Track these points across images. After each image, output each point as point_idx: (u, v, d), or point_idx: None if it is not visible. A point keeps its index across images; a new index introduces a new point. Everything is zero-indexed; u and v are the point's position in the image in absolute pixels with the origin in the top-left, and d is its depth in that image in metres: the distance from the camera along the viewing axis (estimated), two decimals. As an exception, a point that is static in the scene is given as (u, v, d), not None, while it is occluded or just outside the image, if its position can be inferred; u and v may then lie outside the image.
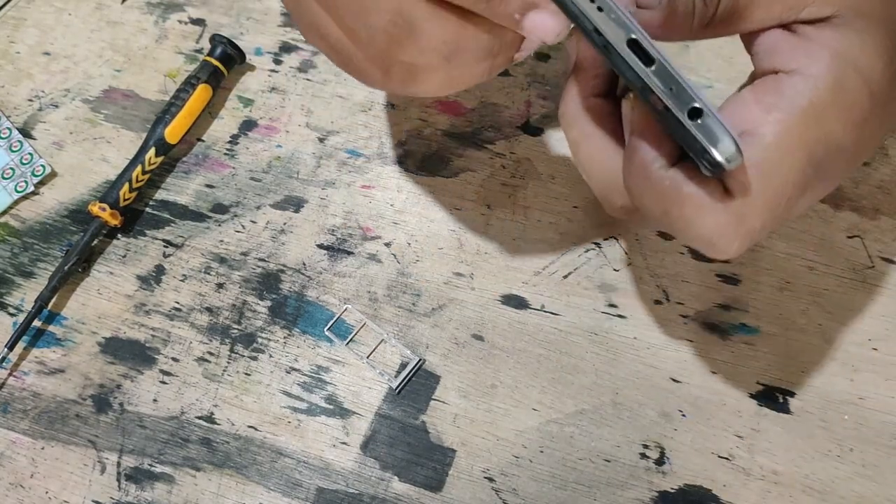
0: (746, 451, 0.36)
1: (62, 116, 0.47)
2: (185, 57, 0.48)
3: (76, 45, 0.49)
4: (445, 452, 0.37)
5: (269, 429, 0.38)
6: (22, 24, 0.50)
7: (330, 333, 0.40)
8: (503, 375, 0.38)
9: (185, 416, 0.39)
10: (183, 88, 0.45)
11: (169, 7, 0.50)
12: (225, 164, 0.45)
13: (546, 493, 0.36)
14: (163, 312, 0.41)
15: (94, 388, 0.40)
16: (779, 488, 0.35)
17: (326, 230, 0.42)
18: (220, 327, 0.41)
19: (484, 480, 0.36)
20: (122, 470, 0.38)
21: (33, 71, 0.49)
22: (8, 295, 0.43)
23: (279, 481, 0.37)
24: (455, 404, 0.38)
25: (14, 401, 0.40)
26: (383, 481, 0.37)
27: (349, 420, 0.38)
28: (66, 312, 0.42)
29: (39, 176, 0.45)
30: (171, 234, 0.43)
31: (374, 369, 0.39)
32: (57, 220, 0.45)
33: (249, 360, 0.40)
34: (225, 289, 0.41)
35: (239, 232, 0.43)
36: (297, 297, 0.41)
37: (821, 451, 0.35)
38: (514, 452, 0.37)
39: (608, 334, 0.38)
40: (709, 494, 0.35)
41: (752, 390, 0.37)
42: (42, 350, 0.41)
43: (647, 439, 0.36)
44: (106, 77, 0.48)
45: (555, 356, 0.38)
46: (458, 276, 0.40)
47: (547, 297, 0.39)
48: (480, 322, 0.39)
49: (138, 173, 0.43)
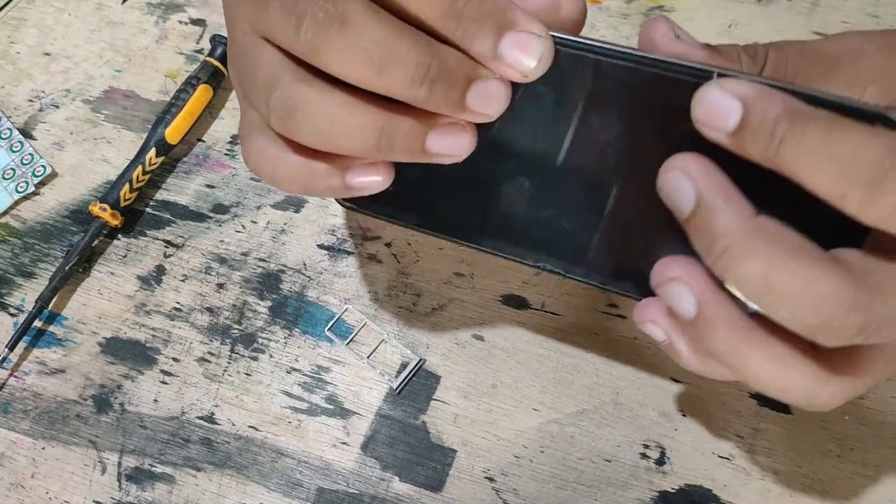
0: (747, 451, 0.36)
1: (62, 117, 0.47)
2: (186, 57, 0.48)
3: (76, 46, 0.49)
4: (446, 452, 0.37)
5: (270, 429, 0.38)
6: (22, 24, 0.50)
7: (330, 333, 0.40)
8: (503, 375, 0.38)
9: (185, 417, 0.39)
10: (183, 89, 0.45)
11: (169, 7, 0.50)
12: (225, 165, 0.45)
13: (546, 493, 0.36)
14: (163, 313, 0.41)
15: (95, 388, 0.40)
16: (779, 488, 0.35)
17: (327, 230, 0.42)
18: (221, 327, 0.41)
19: (484, 480, 0.36)
20: (123, 470, 0.38)
21: (33, 71, 0.49)
22: (8, 295, 0.43)
23: (280, 481, 0.37)
24: (455, 404, 0.38)
25: (15, 401, 0.40)
26: (384, 481, 0.37)
27: (350, 420, 0.38)
28: (67, 313, 0.42)
29: (40, 176, 0.45)
30: (172, 235, 0.43)
31: (374, 369, 0.39)
32: (57, 221, 0.45)
33: (250, 360, 0.40)
34: (225, 289, 0.41)
35: (239, 232, 0.43)
36: (297, 297, 0.41)
37: (821, 451, 0.35)
38: (515, 452, 0.37)
39: (609, 334, 0.38)
40: (709, 494, 0.35)
41: (753, 390, 0.37)
42: (43, 350, 0.41)
43: (648, 439, 0.36)
44: (106, 77, 0.48)
45: (555, 356, 0.38)
46: (458, 276, 0.40)
47: (547, 296, 0.39)
48: (481, 322, 0.39)
49: (139, 173, 0.43)
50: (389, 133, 0.22)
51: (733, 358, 0.22)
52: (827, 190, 0.19)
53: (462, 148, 0.23)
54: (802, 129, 0.20)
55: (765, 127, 0.20)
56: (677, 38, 0.24)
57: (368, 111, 0.22)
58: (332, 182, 0.24)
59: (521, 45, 0.21)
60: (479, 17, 0.21)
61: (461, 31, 0.21)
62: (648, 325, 0.25)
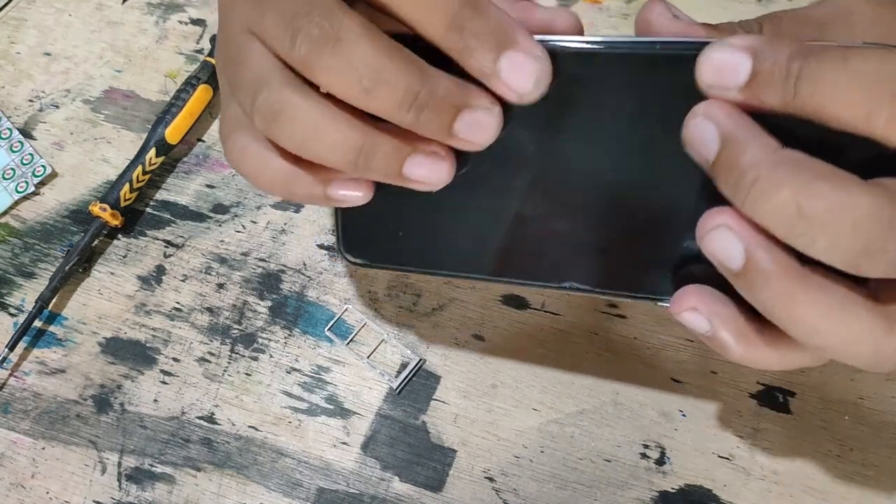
0: (747, 451, 0.36)
1: (62, 117, 0.47)
2: (186, 57, 0.48)
3: (76, 46, 0.49)
4: (446, 452, 0.37)
5: (270, 429, 0.38)
6: (22, 24, 0.50)
7: (330, 333, 0.40)
8: (503, 375, 0.38)
9: (185, 417, 0.39)
10: (183, 89, 0.45)
11: (169, 7, 0.50)
12: (225, 165, 0.45)
13: (547, 493, 0.36)
14: (163, 313, 0.41)
15: (95, 388, 0.40)
16: (779, 488, 0.35)
17: (327, 230, 0.42)
18: (221, 327, 0.41)
19: (484, 480, 0.36)
20: (123, 470, 0.38)
21: (34, 71, 0.49)
22: (8, 295, 0.43)
23: (280, 481, 0.37)
24: (455, 404, 0.38)
25: (15, 401, 0.40)
26: (384, 481, 0.37)
27: (350, 420, 0.38)
28: (67, 313, 0.42)
29: (40, 176, 0.45)
30: (172, 235, 0.43)
31: (374, 369, 0.39)
32: (57, 221, 0.45)
33: (250, 360, 0.40)
34: (225, 289, 0.41)
35: (239, 232, 0.43)
36: (297, 297, 0.41)
37: (821, 451, 0.35)
38: (515, 452, 0.37)
39: (608, 334, 0.38)
40: (709, 494, 0.35)
41: (752, 390, 0.37)
42: (43, 350, 0.41)
43: (648, 439, 0.36)
44: (106, 77, 0.48)
45: (555, 356, 0.38)
46: (459, 276, 0.40)
47: (547, 296, 0.39)
48: (481, 322, 0.39)
49: (139, 173, 0.43)
50: (368, 153, 0.22)
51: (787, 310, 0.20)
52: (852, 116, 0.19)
53: (439, 177, 0.23)
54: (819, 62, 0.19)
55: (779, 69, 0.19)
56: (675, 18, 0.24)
57: (351, 127, 0.22)
58: (314, 191, 0.24)
59: (520, 66, 0.21)
60: (482, 33, 0.21)
61: (462, 44, 0.21)
62: (688, 315, 0.23)
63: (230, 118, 0.25)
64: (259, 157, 0.24)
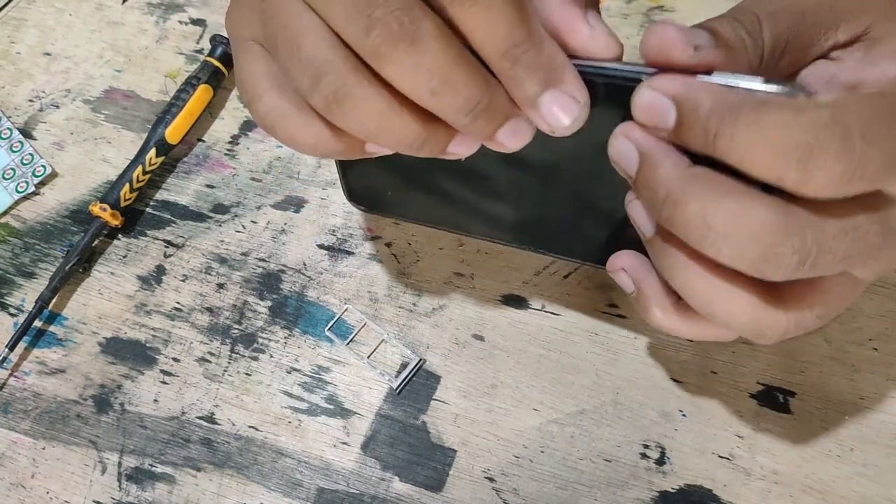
0: (747, 451, 0.36)
1: (63, 117, 0.47)
2: (186, 57, 0.48)
3: (77, 46, 0.49)
4: (446, 452, 0.37)
5: (270, 429, 0.38)
6: (22, 24, 0.50)
7: (330, 333, 0.40)
8: (504, 375, 0.38)
9: (185, 417, 0.39)
10: (183, 89, 0.45)
11: (169, 7, 0.50)
12: (225, 165, 0.45)
13: (547, 493, 0.36)
14: (163, 313, 0.41)
15: (95, 388, 0.40)
16: (779, 488, 0.35)
17: (327, 230, 0.42)
18: (221, 327, 0.41)
19: (484, 480, 0.36)
20: (123, 470, 0.38)
21: (34, 71, 0.49)
22: (9, 295, 0.43)
23: (280, 481, 0.37)
24: (455, 404, 0.38)
25: (15, 401, 0.40)
26: (384, 481, 0.37)
27: (350, 420, 0.38)
28: (67, 313, 0.42)
29: (40, 176, 0.45)
30: (172, 235, 0.43)
31: (374, 369, 0.39)
32: (58, 221, 0.45)
33: (250, 360, 0.40)
34: (225, 289, 0.41)
35: (239, 232, 0.43)
36: (297, 297, 0.41)
37: (821, 451, 0.35)
38: (515, 452, 0.37)
39: (608, 334, 0.38)
40: (709, 494, 0.35)
41: (752, 390, 0.37)
42: (43, 350, 0.41)
43: (648, 439, 0.36)
44: (106, 77, 0.48)
45: (555, 356, 0.38)
46: (458, 276, 0.40)
47: (547, 296, 0.39)
48: (481, 322, 0.39)
49: (139, 173, 0.43)
50: (424, 139, 0.23)
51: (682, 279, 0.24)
52: (766, 175, 0.20)
53: (471, 151, 0.25)
54: (733, 123, 0.20)
55: (698, 123, 0.21)
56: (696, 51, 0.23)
57: (413, 118, 0.23)
58: (353, 153, 0.25)
59: (560, 104, 0.22)
60: (532, 67, 0.22)
61: (512, 72, 0.22)
62: (618, 275, 0.27)
63: (259, 75, 0.25)
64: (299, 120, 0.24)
